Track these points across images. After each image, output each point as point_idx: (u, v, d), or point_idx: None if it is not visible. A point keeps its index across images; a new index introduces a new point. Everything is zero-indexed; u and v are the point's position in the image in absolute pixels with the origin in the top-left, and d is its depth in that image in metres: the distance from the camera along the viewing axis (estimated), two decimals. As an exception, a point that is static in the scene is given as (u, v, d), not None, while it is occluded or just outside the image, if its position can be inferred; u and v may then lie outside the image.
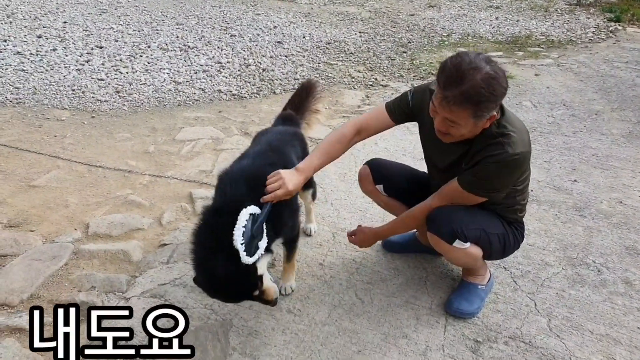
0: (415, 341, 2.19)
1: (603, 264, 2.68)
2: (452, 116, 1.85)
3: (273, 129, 2.67)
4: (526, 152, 1.98)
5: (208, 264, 1.95)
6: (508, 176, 2.00)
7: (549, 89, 5.45)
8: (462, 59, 1.80)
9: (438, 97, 1.85)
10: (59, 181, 3.50)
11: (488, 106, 1.81)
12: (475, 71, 1.76)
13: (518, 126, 1.99)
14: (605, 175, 3.61)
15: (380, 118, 2.29)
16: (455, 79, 1.78)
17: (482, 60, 1.79)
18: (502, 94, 1.82)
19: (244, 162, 2.24)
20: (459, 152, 2.07)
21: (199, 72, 5.86)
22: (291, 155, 2.41)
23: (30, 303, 2.39)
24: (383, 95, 5.39)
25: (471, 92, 1.76)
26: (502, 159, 1.92)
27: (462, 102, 1.78)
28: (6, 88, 5.12)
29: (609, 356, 2.12)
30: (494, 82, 1.77)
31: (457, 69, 1.78)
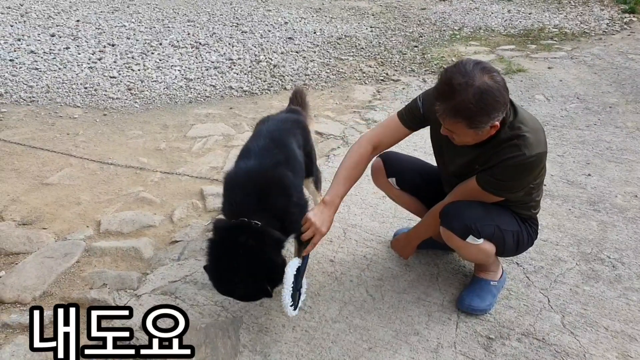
0: (427, 338, 2.18)
1: (618, 259, 2.63)
2: (449, 127, 1.87)
3: (274, 117, 2.60)
4: (543, 152, 1.94)
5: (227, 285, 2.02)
6: (526, 177, 1.98)
7: (562, 82, 5.36)
8: (458, 70, 1.77)
9: (435, 108, 1.86)
10: (72, 179, 3.53)
11: (481, 119, 1.78)
12: (466, 86, 1.73)
13: (532, 125, 1.95)
14: (620, 169, 3.54)
15: (394, 128, 2.27)
16: (446, 94, 1.77)
17: (478, 71, 1.75)
18: (497, 107, 1.77)
19: (250, 163, 2.17)
20: (471, 156, 2.05)
21: (210, 69, 5.87)
22: (293, 147, 2.37)
23: (42, 301, 2.42)
24: (394, 90, 5.35)
25: (460, 107, 1.75)
26: (519, 161, 1.90)
27: (453, 116, 1.79)
28: (20, 87, 5.18)
29: (624, 353, 2.08)
30: (485, 96, 1.73)
31: (448, 82, 1.77)
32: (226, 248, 2.01)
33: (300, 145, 2.47)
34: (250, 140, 2.38)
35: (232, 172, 2.19)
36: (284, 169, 2.14)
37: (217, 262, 2.03)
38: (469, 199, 2.12)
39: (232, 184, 2.15)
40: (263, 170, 2.14)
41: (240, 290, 2.01)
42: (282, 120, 2.53)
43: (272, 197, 2.06)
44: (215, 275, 2.03)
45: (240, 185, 2.11)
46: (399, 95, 5.19)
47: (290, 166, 2.24)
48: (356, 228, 2.92)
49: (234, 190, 2.12)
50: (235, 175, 2.16)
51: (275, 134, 2.36)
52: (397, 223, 2.94)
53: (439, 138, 2.15)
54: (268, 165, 2.16)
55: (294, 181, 2.22)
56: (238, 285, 1.99)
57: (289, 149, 2.33)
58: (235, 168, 2.21)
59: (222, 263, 2.01)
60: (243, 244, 1.96)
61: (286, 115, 2.65)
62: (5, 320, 2.28)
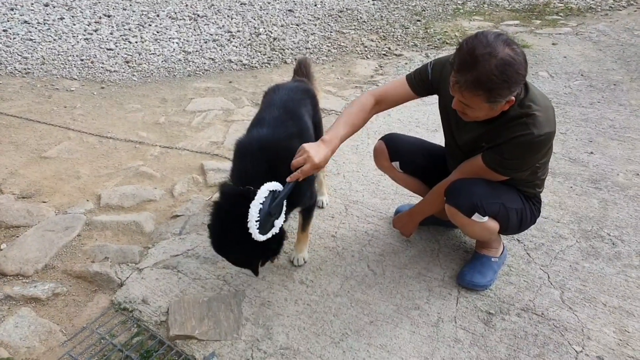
0: (427, 312, 2.20)
1: (618, 236, 2.64)
2: (465, 100, 1.81)
3: (284, 86, 2.54)
4: (551, 132, 1.91)
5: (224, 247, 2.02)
6: (533, 156, 1.95)
7: (567, 59, 5.30)
8: (479, 41, 1.71)
9: (452, 79, 1.79)
10: (70, 152, 3.51)
11: (502, 92, 1.73)
12: (489, 56, 1.68)
13: (543, 104, 1.91)
14: (623, 147, 3.53)
15: (400, 89, 2.22)
16: (468, 64, 1.71)
17: (500, 43, 1.70)
18: (519, 80, 1.74)
19: (263, 132, 2.14)
20: (479, 131, 2.01)
21: (209, 42, 5.78)
22: (306, 118, 2.34)
23: (44, 273, 2.42)
24: (397, 65, 5.29)
25: (483, 78, 1.69)
26: (527, 140, 1.86)
27: (473, 88, 1.72)
28: (14, 58, 5.10)
29: (622, 328, 2.11)
30: (509, 68, 1.69)
31: (471, 52, 1.70)
32: (229, 213, 1.99)
33: (310, 115, 2.44)
34: (263, 110, 2.34)
35: (244, 140, 2.16)
36: (296, 141, 2.12)
37: (218, 224, 2.02)
38: (474, 176, 2.10)
39: (243, 151, 2.12)
40: (275, 141, 2.11)
41: (236, 254, 2.02)
42: (293, 90, 2.47)
43: (281, 168, 2.04)
44: (214, 236, 2.04)
45: (250, 153, 2.08)
46: (401, 70, 5.12)
47: (303, 139, 2.20)
48: (358, 204, 2.91)
49: (245, 158, 2.09)
50: (248, 143, 2.13)
51: (289, 104, 2.32)
52: (399, 200, 2.94)
53: (448, 112, 2.12)
54: (281, 136, 2.13)
55: None
56: (234, 249, 2.00)
57: (302, 121, 2.30)
58: (247, 136, 2.18)
59: (223, 227, 2.00)
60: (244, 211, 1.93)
61: (296, 84, 2.59)
62: (8, 292, 2.28)
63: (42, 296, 2.28)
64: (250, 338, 2.08)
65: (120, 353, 2.02)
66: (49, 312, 2.22)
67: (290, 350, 2.02)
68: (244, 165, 2.07)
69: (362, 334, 2.09)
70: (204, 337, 2.06)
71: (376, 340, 2.06)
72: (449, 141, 2.29)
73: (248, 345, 2.05)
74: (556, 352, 2.00)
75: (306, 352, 2.01)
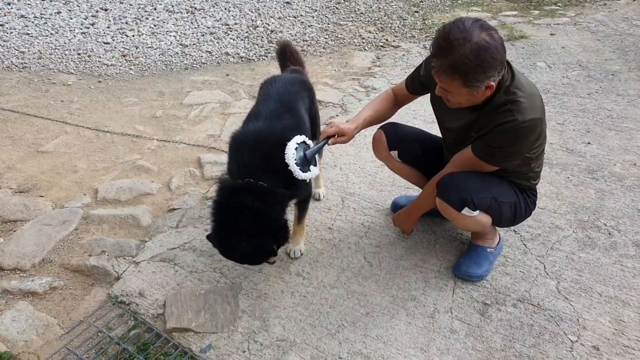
0: (424, 304, 2.20)
1: (614, 226, 2.64)
2: (443, 85, 1.83)
3: (281, 78, 2.54)
4: (537, 118, 1.90)
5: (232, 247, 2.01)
6: (521, 144, 1.95)
7: (565, 49, 5.28)
8: (456, 26, 1.73)
9: (431, 65, 1.83)
10: (67, 146, 3.50)
11: (477, 77, 1.74)
12: (464, 41, 1.69)
13: (529, 90, 1.91)
14: (620, 137, 3.52)
15: (402, 92, 2.35)
16: (444, 49, 1.73)
17: (477, 28, 1.71)
18: (495, 65, 1.74)
19: (259, 125, 2.14)
20: (468, 119, 2.02)
21: (206, 35, 5.76)
22: (302, 112, 2.34)
23: (41, 267, 2.43)
24: (394, 56, 5.27)
25: (458, 63, 1.71)
26: (512, 127, 1.87)
27: (450, 72, 1.75)
28: (11, 52, 5.08)
29: (617, 318, 2.12)
30: (483, 53, 1.69)
31: (446, 37, 1.73)
32: (231, 209, 1.99)
33: (306, 108, 2.43)
34: (260, 102, 2.33)
35: (240, 133, 2.16)
36: (293, 134, 2.12)
37: (222, 224, 2.02)
38: (466, 168, 2.10)
39: (239, 144, 2.11)
40: (272, 134, 2.11)
41: (246, 250, 2.00)
42: (289, 82, 2.46)
43: (279, 161, 2.04)
44: (220, 238, 2.02)
45: (248, 147, 2.08)
46: (399, 62, 5.11)
47: (299, 132, 2.21)
48: (354, 196, 2.91)
49: (242, 151, 2.09)
50: (244, 136, 2.12)
51: (285, 97, 2.32)
52: (396, 191, 2.94)
53: (437, 101, 2.12)
54: (277, 129, 2.13)
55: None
56: (243, 246, 1.98)
57: (299, 114, 2.30)
58: (243, 129, 2.18)
59: (227, 225, 2.00)
60: (249, 205, 1.95)
61: (293, 76, 2.58)
62: (5, 286, 2.29)
63: (40, 290, 2.28)
64: (247, 330, 2.08)
65: (117, 346, 2.03)
66: (47, 306, 2.23)
67: (287, 341, 2.03)
68: (241, 159, 2.06)
69: (358, 325, 2.10)
70: (201, 330, 2.07)
71: (372, 331, 2.07)
72: (442, 128, 2.30)
73: (244, 337, 2.05)
74: (552, 342, 2.01)
75: (302, 343, 2.02)
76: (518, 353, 1.97)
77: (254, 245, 2.00)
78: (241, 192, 1.97)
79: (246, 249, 2.00)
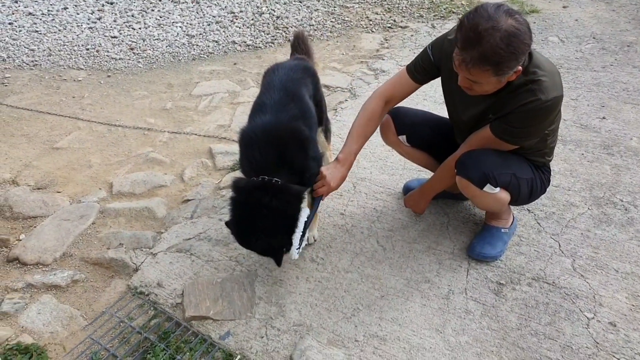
0: (438, 285, 2.21)
1: (631, 202, 2.61)
2: (472, 77, 1.78)
3: (283, 65, 2.49)
4: (559, 96, 1.87)
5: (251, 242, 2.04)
6: (542, 123, 1.92)
7: (578, 22, 5.16)
8: (480, 15, 1.67)
9: (457, 58, 1.76)
10: (81, 142, 3.55)
11: (510, 64, 1.70)
12: (493, 30, 1.64)
13: (548, 69, 1.87)
14: (636, 111, 3.46)
15: (404, 83, 2.22)
16: (472, 40, 1.66)
17: (502, 14, 1.66)
18: (525, 50, 1.70)
19: (266, 119, 2.12)
20: (484, 105, 1.99)
21: (212, 24, 5.75)
22: (306, 99, 2.32)
23: (63, 261, 2.49)
24: (402, 37, 5.21)
25: (489, 53, 1.65)
26: (535, 106, 1.83)
27: (481, 63, 1.69)
28: (22, 50, 5.13)
29: (634, 293, 2.10)
30: (514, 40, 1.65)
31: (474, 28, 1.66)
32: (249, 208, 2.00)
33: (311, 94, 2.42)
34: (263, 93, 2.31)
35: (248, 129, 2.15)
36: (300, 123, 2.12)
37: (240, 222, 2.04)
38: (483, 145, 2.08)
39: (249, 140, 2.10)
40: (280, 126, 2.10)
41: (263, 247, 2.03)
42: (292, 69, 2.44)
43: (290, 153, 2.04)
44: (239, 234, 2.05)
45: (257, 142, 2.07)
46: (407, 42, 5.05)
47: (306, 120, 2.20)
48: (366, 181, 2.92)
49: (252, 147, 2.08)
50: (252, 132, 2.11)
51: (289, 85, 2.29)
52: (407, 175, 2.93)
53: (452, 89, 2.09)
54: (284, 121, 2.12)
55: (309, 135, 2.19)
56: (260, 244, 2.01)
57: (303, 102, 2.28)
58: (250, 124, 2.17)
59: (246, 223, 2.01)
60: (266, 204, 1.96)
61: (295, 62, 2.56)
62: (29, 280, 2.35)
63: (62, 283, 2.34)
64: (264, 316, 2.12)
65: (139, 335, 2.08)
66: (69, 298, 2.29)
67: (303, 326, 2.06)
68: (253, 156, 2.06)
69: (373, 308, 2.12)
70: (219, 317, 2.11)
71: (387, 314, 2.09)
72: (454, 117, 2.26)
73: (262, 323, 2.09)
74: (568, 320, 2.01)
75: (319, 327, 2.05)
76: (534, 331, 1.97)
77: (271, 245, 2.02)
78: (257, 191, 1.98)
79: (264, 246, 2.03)
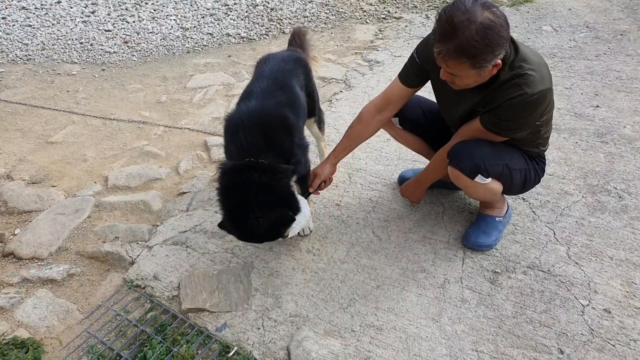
0: (434, 275, 2.22)
1: (625, 189, 2.62)
2: (450, 69, 1.80)
3: (275, 55, 2.50)
4: (546, 89, 1.88)
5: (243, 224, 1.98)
6: (530, 116, 1.93)
7: (571, 11, 5.16)
8: (457, 8, 1.70)
9: (435, 51, 1.79)
10: (76, 136, 3.54)
11: (486, 57, 1.72)
12: (469, 23, 1.66)
13: (535, 62, 1.88)
14: (630, 99, 3.46)
15: (398, 90, 2.25)
16: (448, 33, 1.69)
17: (479, 7, 1.68)
18: (501, 43, 1.72)
19: (251, 104, 2.12)
20: (474, 101, 2.00)
21: (206, 16, 5.71)
22: (296, 89, 2.32)
23: (58, 255, 2.49)
24: (396, 28, 5.19)
25: (465, 46, 1.67)
26: (522, 100, 1.85)
27: (457, 56, 1.71)
28: (15, 45, 5.09)
29: (629, 280, 2.12)
30: (490, 32, 1.66)
31: (449, 21, 1.69)
32: (239, 189, 1.97)
33: (302, 85, 2.42)
34: (252, 81, 2.31)
35: (234, 114, 2.13)
36: (287, 110, 2.11)
37: (233, 207, 2.00)
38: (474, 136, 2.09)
39: (234, 126, 2.09)
40: (266, 111, 2.10)
41: (265, 225, 1.97)
42: (283, 60, 2.44)
43: (276, 138, 2.04)
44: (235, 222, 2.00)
45: (243, 127, 2.05)
46: (401, 33, 5.03)
47: (294, 109, 2.20)
48: (361, 172, 2.92)
49: (237, 132, 2.06)
50: (238, 117, 2.10)
51: (278, 74, 2.29)
52: (402, 165, 2.94)
53: (441, 85, 2.09)
54: (270, 106, 2.11)
55: (296, 123, 2.19)
56: (262, 222, 1.95)
57: (292, 91, 2.28)
58: (236, 110, 2.15)
59: (239, 206, 1.98)
60: (256, 181, 1.94)
61: (287, 53, 2.56)
62: (25, 275, 2.35)
63: (58, 277, 2.34)
64: (260, 307, 2.13)
65: (135, 328, 2.09)
66: (65, 292, 2.29)
67: (300, 317, 2.07)
68: (239, 140, 2.04)
69: (370, 298, 2.13)
70: (215, 309, 2.12)
71: (383, 304, 2.10)
72: (446, 113, 2.27)
73: (258, 314, 2.10)
74: (563, 307, 2.03)
75: (315, 318, 2.06)
76: (529, 319, 1.99)
77: (273, 218, 1.98)
78: (245, 171, 1.96)
79: (266, 224, 1.97)
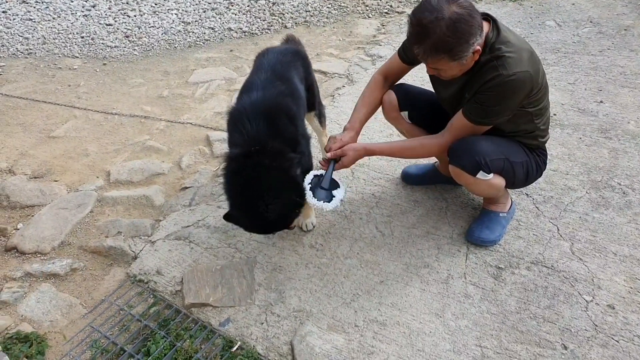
0: (437, 270, 2.22)
1: (629, 185, 2.62)
2: (433, 65, 1.88)
3: (273, 49, 2.52)
4: (524, 71, 1.87)
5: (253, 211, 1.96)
6: (509, 99, 1.92)
7: (575, 6, 5.13)
8: (425, 8, 1.75)
9: (414, 53, 1.84)
10: (77, 131, 3.53)
11: (462, 48, 1.77)
12: (437, 21, 1.71)
13: (516, 44, 1.90)
14: (634, 94, 3.45)
15: (397, 65, 2.31)
16: (421, 35, 1.76)
17: (444, 3, 1.73)
18: (474, 31, 1.76)
19: (253, 95, 2.12)
20: (459, 83, 2.03)
21: (208, 11, 5.69)
22: (295, 80, 2.33)
23: (61, 250, 2.49)
24: (399, 22, 5.16)
25: (439, 43, 1.74)
26: (498, 82, 1.87)
27: (434, 54, 1.78)
28: (16, 39, 5.08)
29: (632, 276, 2.12)
30: (459, 25, 1.72)
31: (419, 23, 1.75)
32: (249, 174, 1.95)
33: (301, 78, 2.43)
34: (252, 74, 2.33)
35: (237, 106, 2.14)
36: (288, 99, 2.12)
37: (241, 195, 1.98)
38: (461, 134, 2.08)
39: (238, 117, 2.09)
40: (269, 100, 2.10)
41: (276, 211, 1.94)
42: (282, 52, 2.46)
43: (280, 126, 2.05)
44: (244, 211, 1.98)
45: (247, 117, 2.06)
46: (404, 28, 5.01)
47: (294, 100, 2.20)
48: (364, 167, 2.91)
49: (242, 121, 2.06)
50: (242, 108, 2.10)
51: (277, 67, 2.31)
52: (405, 161, 2.92)
53: None
54: (273, 95, 2.13)
55: (297, 112, 2.20)
56: (271, 208, 1.93)
57: (292, 83, 2.29)
58: (239, 102, 2.16)
59: (249, 193, 1.95)
60: (267, 164, 1.93)
61: (286, 46, 2.59)
62: (28, 269, 2.35)
63: (61, 272, 2.34)
64: (264, 302, 2.13)
65: (139, 323, 2.09)
66: (69, 287, 2.29)
67: (303, 312, 2.07)
68: (244, 129, 2.03)
69: (373, 293, 2.13)
70: (219, 304, 2.12)
71: (387, 299, 2.10)
72: (439, 96, 2.29)
73: (262, 309, 2.10)
74: (566, 303, 2.02)
75: (319, 313, 2.06)
76: (533, 315, 1.98)
77: (284, 203, 1.96)
78: (255, 156, 1.94)
79: (276, 210, 1.94)
